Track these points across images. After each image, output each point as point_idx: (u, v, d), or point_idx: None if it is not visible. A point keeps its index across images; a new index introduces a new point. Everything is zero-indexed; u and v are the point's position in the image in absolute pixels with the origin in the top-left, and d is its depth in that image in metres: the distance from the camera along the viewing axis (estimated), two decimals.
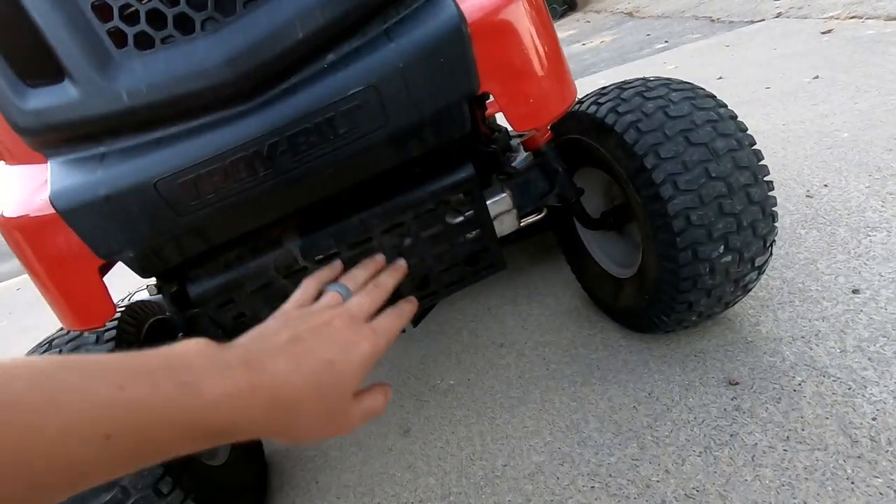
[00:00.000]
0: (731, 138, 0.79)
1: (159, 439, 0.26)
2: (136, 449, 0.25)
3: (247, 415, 0.30)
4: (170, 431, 0.26)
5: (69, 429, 0.22)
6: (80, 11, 0.47)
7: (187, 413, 0.27)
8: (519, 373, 1.08)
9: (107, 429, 0.23)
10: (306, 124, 0.50)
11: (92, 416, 0.23)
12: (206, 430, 0.28)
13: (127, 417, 0.24)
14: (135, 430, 0.24)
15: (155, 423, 0.25)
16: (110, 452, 0.23)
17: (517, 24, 0.57)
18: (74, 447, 0.22)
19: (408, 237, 0.66)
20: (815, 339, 0.88)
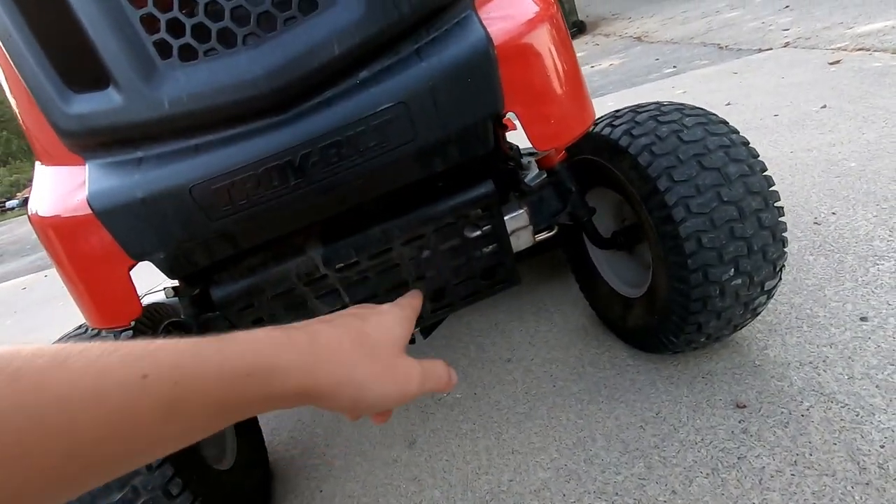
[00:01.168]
0: (743, 164, 0.80)
1: (195, 377, 0.24)
2: (175, 390, 0.23)
3: (286, 352, 0.29)
4: (205, 368, 0.25)
5: (105, 372, 0.21)
6: (129, 23, 0.49)
7: (222, 351, 0.26)
8: (526, 389, 1.08)
9: (141, 369, 0.22)
10: (338, 137, 0.52)
11: (125, 360, 0.22)
12: (246, 369, 0.27)
13: (161, 358, 0.23)
14: (170, 368, 0.23)
15: (188, 360, 0.24)
16: (151, 397, 0.22)
17: (541, 48, 0.59)
18: (112, 391, 0.21)
19: (427, 249, 0.67)
20: (823, 364, 0.89)
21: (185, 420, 0.24)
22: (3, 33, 0.53)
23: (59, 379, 0.20)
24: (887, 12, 3.21)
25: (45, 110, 0.54)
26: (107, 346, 0.22)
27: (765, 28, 4.05)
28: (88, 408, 0.20)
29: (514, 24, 0.58)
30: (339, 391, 0.32)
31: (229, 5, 0.49)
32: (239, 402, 0.27)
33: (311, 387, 0.30)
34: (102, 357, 0.22)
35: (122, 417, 0.21)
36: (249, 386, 0.27)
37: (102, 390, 0.21)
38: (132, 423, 0.22)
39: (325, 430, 1.17)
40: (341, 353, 0.33)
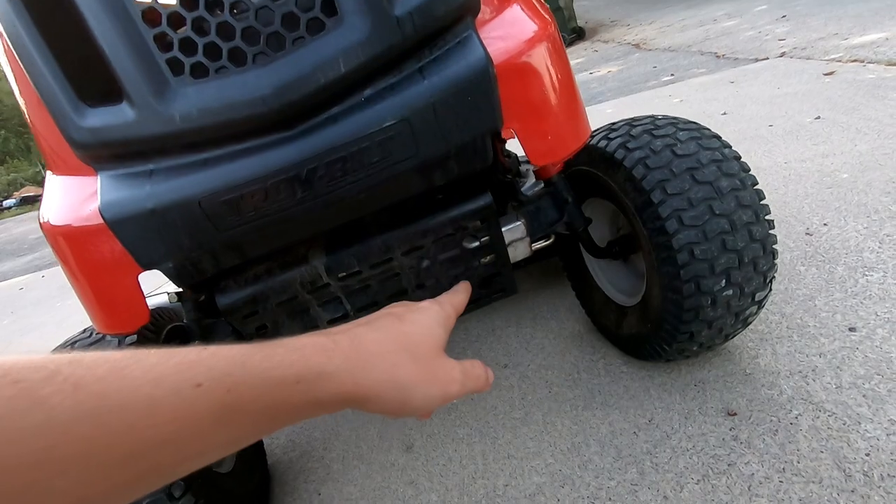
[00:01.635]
0: (734, 178, 0.83)
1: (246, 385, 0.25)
2: (227, 398, 0.24)
3: (332, 357, 0.30)
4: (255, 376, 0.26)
5: (160, 380, 0.22)
6: (143, 41, 0.51)
7: (271, 359, 0.27)
8: (522, 394, 1.10)
9: (196, 378, 0.23)
10: (343, 152, 0.54)
11: (179, 369, 0.23)
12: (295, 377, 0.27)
13: (214, 366, 0.24)
14: (221, 375, 0.24)
15: (238, 368, 0.25)
16: (204, 404, 0.23)
17: (539, 66, 0.61)
18: (168, 399, 0.22)
19: (426, 259, 0.69)
20: (812, 374, 0.91)
21: (236, 426, 0.25)
22: (20, 48, 0.55)
23: (119, 387, 0.21)
24: (882, 24, 3.25)
25: (59, 123, 0.56)
26: (162, 354, 0.23)
27: (761, 37, 4.09)
28: (146, 415, 0.21)
29: (513, 43, 0.60)
30: (384, 395, 0.33)
31: (240, 25, 0.51)
32: (287, 409, 0.28)
33: (357, 392, 0.31)
34: (158, 366, 0.23)
35: (177, 424, 0.22)
36: (298, 393, 0.28)
37: (159, 398, 0.22)
38: (186, 429, 0.23)
39: (324, 434, 1.18)
40: (384, 357, 0.33)
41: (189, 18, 0.51)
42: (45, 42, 0.54)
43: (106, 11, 0.51)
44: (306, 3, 0.52)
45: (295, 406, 0.28)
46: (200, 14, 0.51)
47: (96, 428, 0.20)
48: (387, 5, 0.53)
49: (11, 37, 0.54)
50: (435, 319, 0.40)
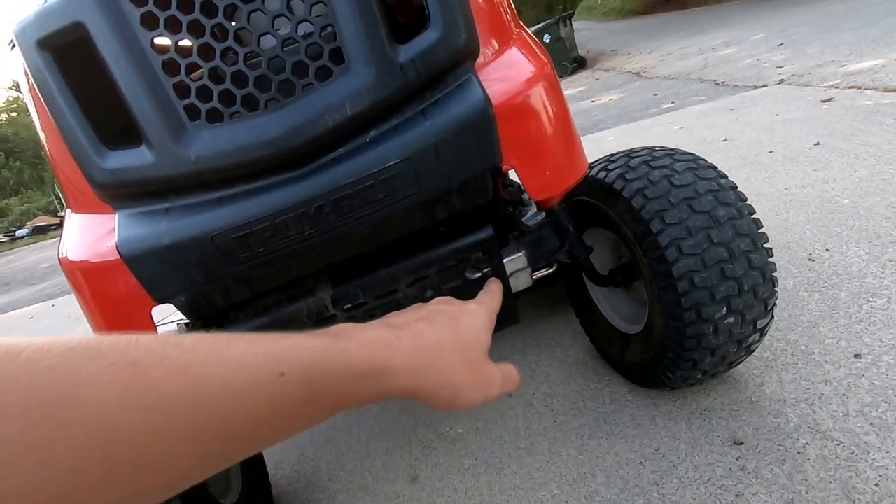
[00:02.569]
0: (731, 207, 0.85)
1: (325, 377, 0.28)
2: (307, 388, 0.27)
3: (397, 355, 0.33)
4: (332, 369, 0.28)
5: (253, 367, 0.24)
6: (163, 88, 0.55)
7: (346, 353, 0.29)
8: (527, 423, 1.10)
9: (280, 367, 0.25)
10: (349, 190, 0.56)
11: (267, 357, 0.25)
12: (365, 371, 0.30)
13: (295, 357, 0.26)
14: (303, 367, 0.26)
15: (319, 361, 0.28)
16: (286, 393, 0.26)
17: (537, 106, 0.64)
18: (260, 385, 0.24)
19: (430, 290, 0.71)
20: (818, 401, 0.91)
21: (314, 410, 0.28)
22: (46, 93, 0.58)
23: (218, 373, 0.23)
24: (877, 51, 3.31)
25: (81, 164, 0.59)
26: (249, 342, 0.26)
27: (759, 65, 4.17)
28: (242, 400, 0.24)
29: (511, 84, 0.63)
30: (439, 393, 0.35)
31: (254, 74, 0.54)
32: (357, 399, 0.31)
33: (416, 388, 0.34)
34: (248, 354, 0.25)
35: (267, 408, 0.25)
36: (366, 386, 0.31)
37: (251, 385, 0.24)
38: (274, 413, 0.25)
39: (329, 465, 1.18)
40: (443, 357, 0.36)
41: (206, 67, 0.54)
42: (71, 89, 0.58)
43: (129, 61, 0.54)
44: (315, 52, 0.55)
45: (363, 396, 0.31)
46: (217, 64, 0.54)
47: (200, 410, 0.22)
48: (391, 53, 0.56)
49: (38, 82, 0.58)
50: (483, 324, 0.43)
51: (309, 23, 0.55)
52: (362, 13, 0.55)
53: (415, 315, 0.39)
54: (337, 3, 0.54)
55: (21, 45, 0.56)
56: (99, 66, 0.55)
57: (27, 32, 0.56)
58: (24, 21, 0.55)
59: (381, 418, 1.26)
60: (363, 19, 0.55)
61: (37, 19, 0.55)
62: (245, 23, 0.54)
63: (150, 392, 0.20)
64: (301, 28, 0.55)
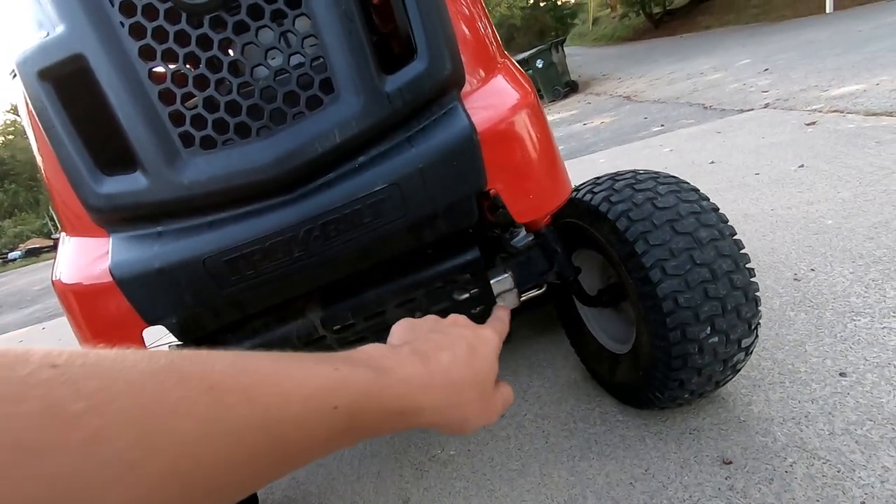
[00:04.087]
0: (713, 228, 0.87)
1: (367, 412, 0.29)
2: (351, 422, 0.28)
3: (430, 395, 0.34)
4: (374, 406, 0.30)
5: (309, 399, 0.26)
6: (159, 117, 0.57)
7: (387, 391, 0.31)
8: (518, 445, 1.10)
9: (333, 401, 0.27)
10: (338, 214, 0.58)
11: (322, 390, 0.27)
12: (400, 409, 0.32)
13: (346, 391, 0.28)
14: (351, 402, 0.28)
15: (363, 398, 0.29)
16: (337, 423, 0.27)
17: (520, 132, 0.67)
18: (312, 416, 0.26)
19: (418, 311, 0.72)
20: (805, 420, 0.92)
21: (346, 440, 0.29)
22: (46, 121, 0.60)
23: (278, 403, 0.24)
24: (859, 76, 3.42)
25: (77, 189, 0.61)
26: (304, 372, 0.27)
27: (746, 89, 4.28)
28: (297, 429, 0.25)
29: (495, 112, 0.66)
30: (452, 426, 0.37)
31: (246, 103, 0.57)
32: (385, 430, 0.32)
33: (437, 422, 0.36)
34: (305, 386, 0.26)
35: (316, 438, 0.26)
36: (398, 421, 0.32)
37: (306, 416, 0.26)
38: (322, 441, 0.27)
39: (319, 489, 1.17)
40: (464, 394, 0.38)
41: (201, 97, 0.57)
42: (69, 117, 0.60)
43: (127, 91, 0.57)
44: (306, 82, 0.58)
45: (391, 429, 0.33)
46: (211, 93, 0.56)
47: (262, 436, 0.23)
48: (378, 83, 0.59)
49: (38, 111, 0.60)
50: (495, 352, 0.44)
51: (300, 54, 0.58)
52: (351, 45, 0.57)
53: (438, 341, 0.40)
54: (328, 36, 0.57)
55: (22, 75, 0.59)
56: (97, 96, 0.57)
57: (28, 63, 0.58)
58: (26, 52, 0.58)
59: (372, 441, 1.26)
60: (352, 51, 0.57)
61: (38, 51, 0.57)
62: (239, 55, 0.56)
63: (226, 418, 0.21)
64: (293, 59, 0.58)
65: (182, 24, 0.55)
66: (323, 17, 0.57)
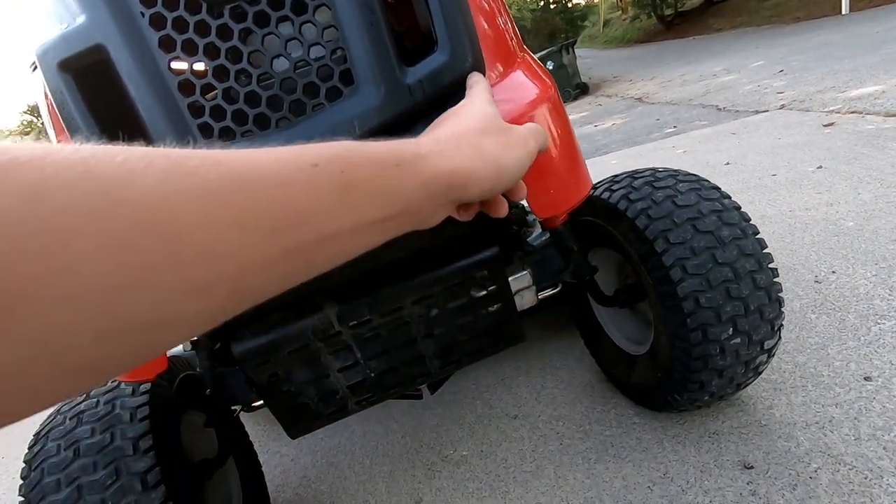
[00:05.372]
0: (735, 227, 0.85)
1: (356, 165, 0.26)
2: (343, 178, 0.25)
3: (423, 146, 0.32)
4: (362, 158, 0.27)
5: (283, 159, 0.23)
6: (178, 107, 0.56)
7: (374, 146, 0.28)
8: (532, 446, 1.08)
9: (311, 159, 0.24)
10: None
11: (294, 152, 0.24)
12: (396, 160, 0.29)
13: (324, 150, 0.26)
14: (333, 157, 0.25)
15: (347, 152, 0.27)
16: (324, 181, 0.25)
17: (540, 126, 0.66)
18: (294, 175, 0.23)
19: (435, 308, 0.71)
20: (829, 425, 0.89)
21: (358, 207, 0.27)
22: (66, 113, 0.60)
23: (252, 165, 0.22)
24: (877, 77, 3.36)
25: None
26: (264, 149, 0.24)
27: (760, 91, 4.23)
28: (281, 189, 0.23)
29: (515, 105, 0.65)
30: (480, 172, 0.35)
31: (266, 94, 0.56)
32: (399, 193, 0.29)
33: (453, 171, 0.33)
34: (276, 150, 0.24)
35: (307, 200, 0.24)
36: (403, 175, 0.29)
37: (286, 175, 0.23)
38: (316, 206, 0.24)
39: (331, 488, 1.16)
40: (465, 139, 0.36)
41: (220, 88, 0.56)
42: (89, 109, 0.59)
43: (146, 82, 0.56)
44: (326, 73, 0.57)
45: (405, 191, 0.30)
46: (231, 84, 0.56)
47: (243, 197, 0.21)
48: (399, 75, 0.58)
49: (58, 103, 0.60)
50: (482, 101, 0.43)
51: (321, 46, 0.57)
52: (372, 37, 0.57)
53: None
54: (348, 27, 0.56)
55: (43, 67, 0.58)
56: (117, 87, 0.57)
57: (49, 54, 0.58)
58: (47, 44, 0.58)
59: (384, 440, 1.25)
60: (373, 42, 0.57)
61: (59, 42, 0.57)
62: (259, 46, 0.56)
63: (188, 178, 0.20)
64: (313, 51, 0.57)
65: (202, 15, 0.55)
66: (343, 7, 0.56)
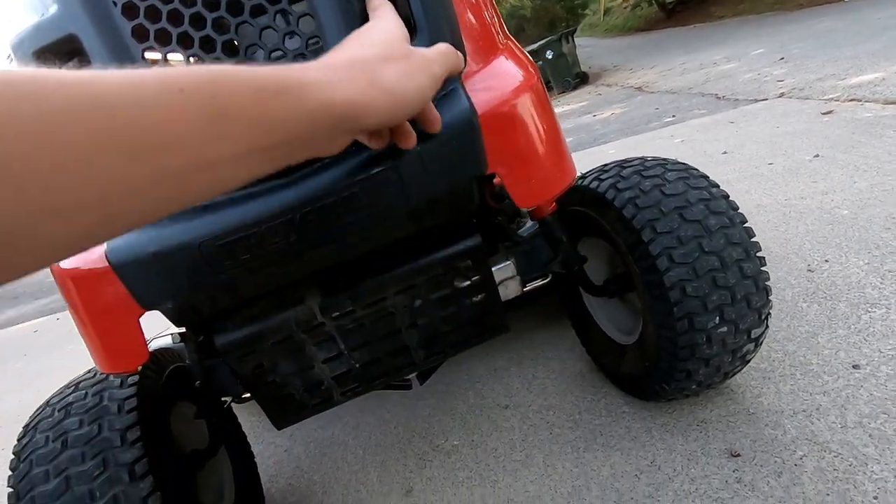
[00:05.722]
0: (723, 216, 0.85)
1: (230, 92, 0.24)
2: (214, 104, 0.23)
3: (309, 70, 0.29)
4: (237, 84, 0.25)
5: (143, 84, 0.21)
6: None
7: (254, 72, 0.26)
8: (523, 436, 1.08)
9: (177, 84, 0.22)
10: (335, 197, 0.57)
11: (160, 76, 0.22)
12: (276, 87, 0.26)
13: (196, 74, 0.23)
14: (203, 83, 0.23)
15: (220, 77, 0.24)
16: (191, 108, 0.22)
17: (522, 115, 0.65)
18: (154, 99, 0.21)
19: (418, 298, 0.71)
20: (816, 413, 0.89)
21: (230, 140, 0.24)
22: None
23: (107, 89, 0.20)
24: (877, 65, 3.32)
25: None
26: (136, 69, 0.23)
27: (760, 79, 4.19)
28: (140, 114, 0.21)
29: (496, 94, 0.64)
30: (374, 103, 0.32)
31: None
32: (280, 124, 0.27)
33: (343, 101, 0.30)
34: (136, 74, 0.22)
35: (170, 126, 0.22)
36: (283, 104, 0.27)
37: (147, 100, 0.21)
38: (183, 133, 0.22)
39: (324, 478, 1.17)
40: (358, 65, 0.32)
41: None
42: None
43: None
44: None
45: (286, 120, 0.27)
46: None
47: (100, 120, 0.20)
48: None
49: None
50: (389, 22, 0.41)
51: (297, 35, 0.57)
52: (350, 25, 0.56)
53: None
54: (324, 16, 0.56)
55: (17, 58, 0.58)
56: None
57: (24, 44, 0.57)
58: (21, 34, 0.57)
59: (377, 430, 1.25)
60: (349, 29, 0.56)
61: (32, 32, 0.56)
62: (233, 35, 0.55)
63: (47, 99, 0.19)
64: (288, 42, 0.57)
65: (175, 4, 0.54)
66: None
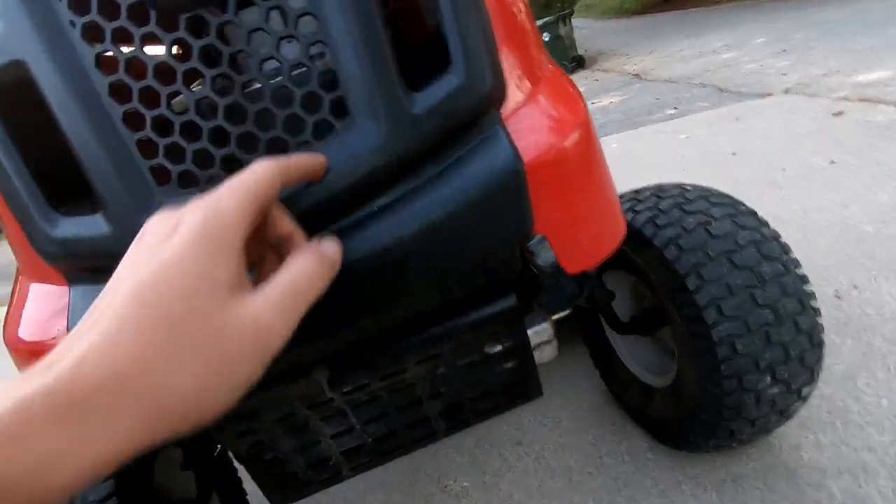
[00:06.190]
0: (776, 262, 0.76)
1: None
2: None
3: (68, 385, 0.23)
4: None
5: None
6: (124, 146, 0.45)
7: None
8: (539, 481, 1.01)
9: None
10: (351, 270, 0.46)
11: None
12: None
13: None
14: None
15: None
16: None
17: (574, 163, 0.55)
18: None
19: (442, 367, 0.62)
20: (863, 473, 0.83)
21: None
22: None
23: None
24: (883, 61, 3.24)
25: (26, 230, 0.49)
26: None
27: (763, 71, 4.10)
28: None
29: (544, 137, 0.53)
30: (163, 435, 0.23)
31: (236, 131, 0.44)
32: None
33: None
34: None
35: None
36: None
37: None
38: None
39: None
40: (126, 387, 0.22)
41: (178, 122, 0.44)
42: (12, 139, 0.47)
43: (81, 111, 0.44)
44: (313, 104, 0.45)
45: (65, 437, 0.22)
46: (191, 118, 0.44)
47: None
48: (404, 102, 0.46)
49: None
50: (197, 245, 0.26)
51: (304, 66, 0.45)
52: (370, 54, 0.45)
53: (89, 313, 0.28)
54: (340, 42, 0.44)
55: None
56: (45, 114, 0.45)
57: None
58: None
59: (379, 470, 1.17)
60: (371, 61, 0.45)
61: None
62: (226, 68, 0.44)
63: None
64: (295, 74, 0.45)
65: (151, 27, 0.42)
66: (333, 16, 0.44)
